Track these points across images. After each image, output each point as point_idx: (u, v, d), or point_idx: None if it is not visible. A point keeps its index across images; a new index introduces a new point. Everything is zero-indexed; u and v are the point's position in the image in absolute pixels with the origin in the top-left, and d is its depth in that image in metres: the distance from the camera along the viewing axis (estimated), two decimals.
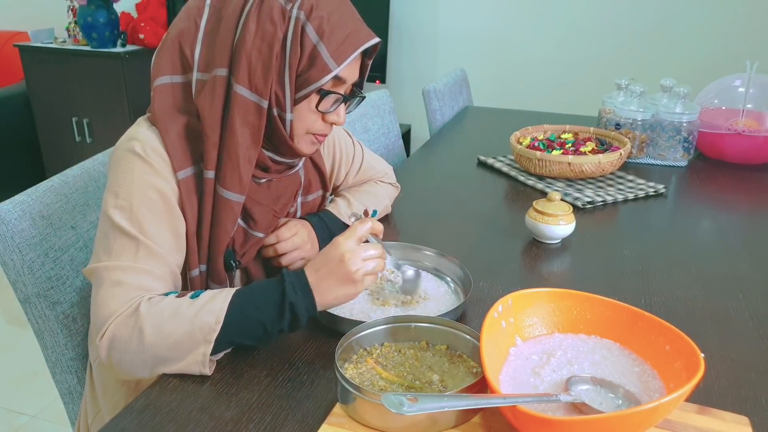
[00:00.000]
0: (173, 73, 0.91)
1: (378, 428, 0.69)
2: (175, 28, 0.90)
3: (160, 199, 0.86)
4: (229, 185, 0.90)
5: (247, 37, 0.85)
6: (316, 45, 0.86)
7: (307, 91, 0.88)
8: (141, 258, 0.83)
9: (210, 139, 0.88)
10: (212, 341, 0.77)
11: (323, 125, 0.95)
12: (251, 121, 0.88)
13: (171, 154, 0.88)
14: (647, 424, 0.64)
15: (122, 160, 0.87)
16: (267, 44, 0.85)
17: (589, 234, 1.28)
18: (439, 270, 1.06)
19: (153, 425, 0.71)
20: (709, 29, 2.71)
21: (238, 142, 0.88)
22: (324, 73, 0.87)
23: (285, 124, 0.91)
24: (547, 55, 2.99)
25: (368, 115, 1.92)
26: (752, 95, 1.76)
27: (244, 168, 0.90)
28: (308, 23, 0.85)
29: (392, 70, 3.21)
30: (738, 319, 0.96)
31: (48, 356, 1.05)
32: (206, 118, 0.88)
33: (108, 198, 0.86)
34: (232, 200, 0.91)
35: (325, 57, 0.86)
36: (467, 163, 1.76)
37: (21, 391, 2.06)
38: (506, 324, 0.78)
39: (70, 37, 3.23)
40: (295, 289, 0.81)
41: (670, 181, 1.62)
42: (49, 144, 3.34)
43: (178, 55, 0.90)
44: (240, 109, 0.87)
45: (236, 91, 0.87)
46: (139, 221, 0.84)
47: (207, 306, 0.79)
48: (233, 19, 0.87)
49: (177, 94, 0.90)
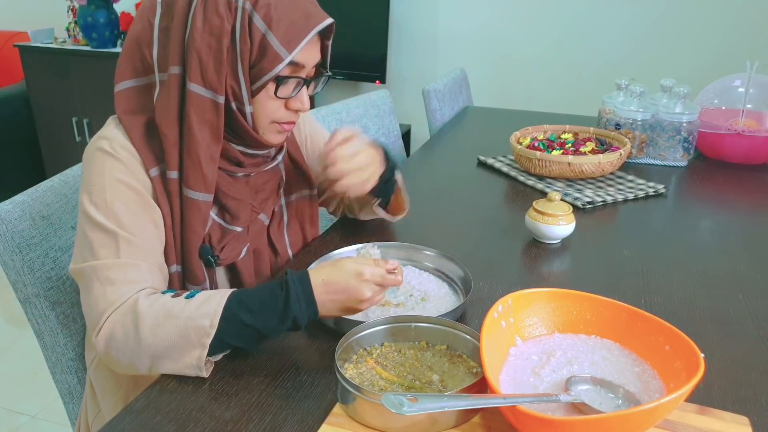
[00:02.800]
0: (135, 77, 0.91)
1: (378, 428, 0.69)
2: (132, 30, 0.91)
3: (133, 192, 0.87)
4: (193, 185, 0.89)
5: (196, 33, 0.85)
6: (265, 34, 0.85)
7: (262, 82, 0.88)
8: (123, 252, 0.83)
9: (169, 139, 0.88)
10: (207, 345, 0.77)
11: (287, 113, 0.94)
12: (209, 119, 0.88)
13: (140, 150, 0.88)
14: (647, 424, 0.64)
15: (93, 159, 0.88)
16: (216, 38, 0.85)
17: (589, 234, 1.28)
18: (439, 270, 1.06)
19: (153, 425, 0.71)
20: (709, 29, 2.71)
21: (197, 141, 0.88)
22: (276, 62, 0.86)
23: (246, 116, 0.90)
24: (547, 55, 2.99)
25: (368, 115, 1.92)
26: (752, 95, 1.76)
27: (206, 166, 0.89)
28: (255, 12, 0.84)
29: (392, 70, 3.21)
30: (738, 319, 0.96)
31: (48, 356, 1.05)
32: (163, 118, 0.88)
33: (83, 197, 0.87)
34: (199, 200, 0.90)
35: (275, 46, 0.85)
36: (467, 163, 1.76)
37: (21, 391, 2.06)
38: (506, 324, 0.78)
39: (70, 37, 3.23)
40: (299, 301, 0.79)
41: (670, 181, 1.62)
42: (49, 144, 3.34)
43: (138, 56, 0.90)
44: (196, 106, 0.87)
45: (190, 89, 0.86)
46: (115, 215, 0.84)
47: (202, 308, 0.78)
48: (183, 14, 0.86)
49: (139, 96, 0.91)
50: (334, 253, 1.06)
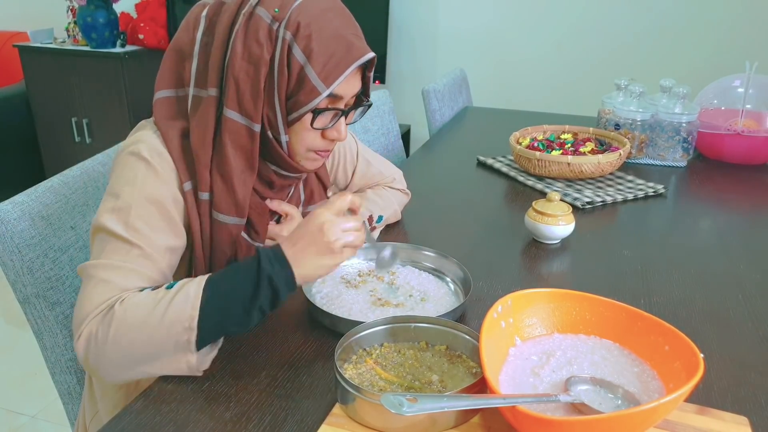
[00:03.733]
0: (175, 87, 0.90)
1: (377, 428, 0.69)
2: (176, 40, 0.89)
3: (160, 204, 0.84)
4: (224, 209, 0.88)
5: (235, 58, 0.83)
6: (304, 66, 0.83)
7: (298, 114, 0.86)
8: (132, 258, 0.80)
9: (201, 161, 0.86)
10: (193, 341, 0.75)
11: (323, 142, 0.92)
12: (244, 145, 0.87)
13: (176, 161, 0.86)
14: (647, 424, 0.64)
15: (127, 163, 0.85)
16: (254, 66, 0.83)
17: (589, 234, 1.28)
18: (438, 270, 1.05)
19: (153, 425, 0.71)
20: (709, 29, 2.71)
21: (231, 167, 0.86)
22: (313, 96, 0.84)
23: (282, 144, 0.89)
24: (546, 55, 2.99)
25: (368, 116, 1.92)
26: (751, 95, 1.76)
27: (240, 192, 0.88)
28: (295, 43, 0.82)
29: (392, 71, 3.21)
30: (737, 319, 0.96)
31: (47, 356, 1.05)
32: (196, 140, 0.86)
33: (108, 199, 0.84)
34: (229, 224, 0.89)
35: (313, 79, 0.83)
36: (467, 163, 1.76)
37: (21, 391, 2.06)
38: (506, 324, 0.78)
39: (69, 38, 3.23)
40: (271, 261, 0.78)
41: (670, 181, 1.62)
42: (48, 144, 3.34)
43: (177, 68, 0.89)
44: (231, 132, 0.86)
45: (226, 115, 0.85)
46: (135, 225, 0.81)
47: (180, 294, 0.76)
48: (224, 35, 0.84)
49: (179, 106, 0.89)
50: None
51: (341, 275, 1.04)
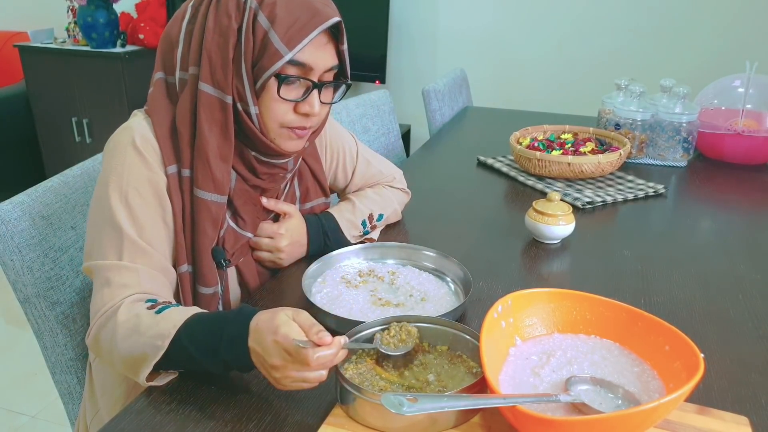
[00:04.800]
0: (165, 75, 0.93)
1: (378, 428, 0.69)
2: (166, 31, 0.93)
3: (151, 190, 0.87)
4: (202, 184, 0.90)
5: (208, 33, 0.86)
6: (267, 31, 0.85)
7: (263, 80, 0.87)
8: (127, 254, 0.84)
9: (184, 138, 0.89)
10: (151, 365, 0.75)
11: (296, 117, 0.92)
12: (218, 118, 0.88)
13: (162, 146, 0.89)
14: (647, 424, 0.64)
15: (116, 150, 0.89)
16: (224, 38, 0.86)
17: (589, 234, 1.28)
18: (439, 270, 1.05)
19: (153, 425, 0.71)
20: (709, 29, 2.71)
21: (206, 141, 0.88)
22: (275, 59, 0.85)
23: (252, 117, 0.90)
24: (547, 55, 2.99)
25: (368, 116, 1.92)
26: (752, 95, 1.76)
27: (216, 167, 0.89)
28: (260, 10, 0.85)
29: (392, 71, 3.21)
30: (738, 319, 0.96)
31: (48, 356, 1.05)
32: (180, 117, 0.89)
33: (100, 188, 0.87)
34: (208, 200, 0.90)
35: (276, 42, 0.85)
36: (467, 163, 1.76)
37: (21, 391, 2.06)
38: (506, 324, 0.78)
39: (69, 38, 3.23)
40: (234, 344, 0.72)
41: (670, 181, 1.62)
42: (48, 144, 3.34)
43: (168, 55, 0.92)
44: (206, 106, 0.88)
45: (201, 89, 0.87)
46: (129, 213, 0.85)
47: (160, 325, 0.76)
48: (202, 17, 0.88)
49: (169, 94, 0.93)
50: (333, 254, 1.06)
51: (341, 275, 1.04)
